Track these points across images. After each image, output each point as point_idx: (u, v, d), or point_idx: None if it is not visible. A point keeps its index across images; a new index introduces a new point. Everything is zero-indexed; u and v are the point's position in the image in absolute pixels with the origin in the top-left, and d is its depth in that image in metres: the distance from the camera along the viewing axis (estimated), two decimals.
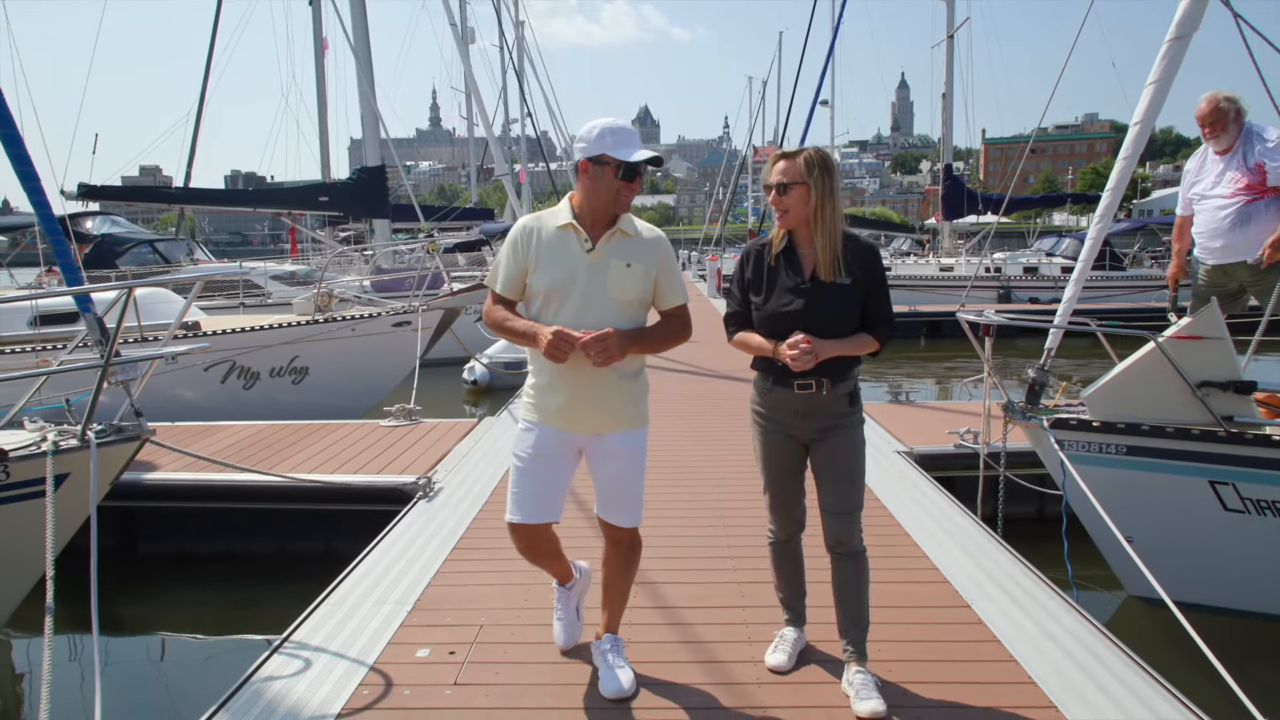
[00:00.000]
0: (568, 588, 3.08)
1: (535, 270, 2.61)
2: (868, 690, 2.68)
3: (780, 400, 2.74)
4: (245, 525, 5.57)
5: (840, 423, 2.72)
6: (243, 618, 5.19)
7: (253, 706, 2.76)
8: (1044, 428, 4.43)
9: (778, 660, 2.91)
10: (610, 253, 2.61)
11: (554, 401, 2.64)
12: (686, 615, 3.39)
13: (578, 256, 2.60)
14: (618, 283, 2.60)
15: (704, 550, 4.12)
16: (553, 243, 2.62)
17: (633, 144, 2.59)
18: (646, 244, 2.67)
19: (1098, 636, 3.16)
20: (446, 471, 5.55)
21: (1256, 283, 4.63)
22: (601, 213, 2.63)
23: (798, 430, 2.75)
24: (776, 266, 2.73)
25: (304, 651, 3.13)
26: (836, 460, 2.73)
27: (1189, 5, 4.24)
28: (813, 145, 2.69)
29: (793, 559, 2.97)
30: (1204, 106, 4.56)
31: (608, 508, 2.78)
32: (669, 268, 2.71)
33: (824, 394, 2.67)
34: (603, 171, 2.56)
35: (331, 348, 8.62)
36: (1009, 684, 2.83)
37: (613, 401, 2.65)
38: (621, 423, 2.68)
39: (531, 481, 2.70)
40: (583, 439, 2.69)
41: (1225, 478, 4.24)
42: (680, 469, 5.64)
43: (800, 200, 2.65)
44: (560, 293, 2.59)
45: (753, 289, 2.76)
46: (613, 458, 2.70)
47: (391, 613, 3.44)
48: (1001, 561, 3.95)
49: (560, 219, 2.64)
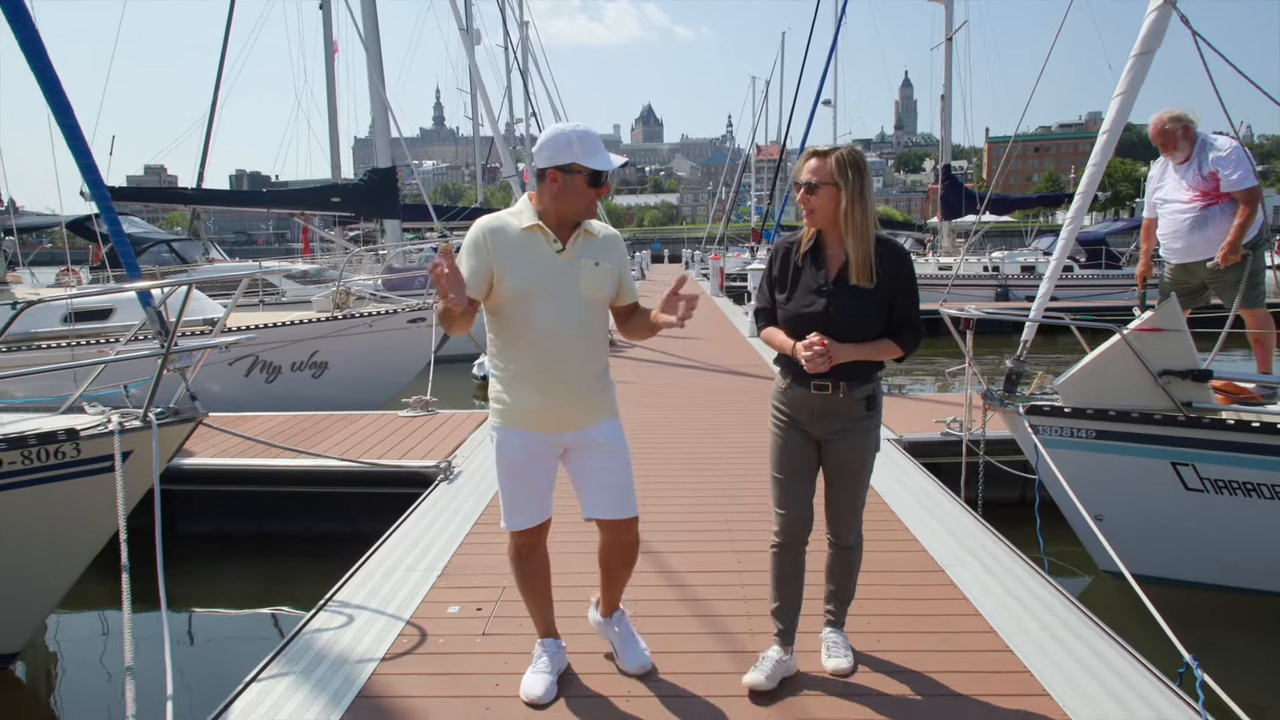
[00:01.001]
0: (556, 643, 2.94)
1: (505, 273, 2.57)
2: (839, 649, 2.91)
3: (797, 399, 2.74)
4: (275, 508, 5.95)
5: (855, 426, 2.71)
6: (275, 594, 5.56)
7: (305, 653, 3.14)
8: (1019, 414, 4.78)
9: (755, 679, 2.78)
10: (579, 253, 2.62)
11: (526, 406, 2.63)
12: (688, 596, 3.55)
13: (549, 258, 2.58)
14: (590, 282, 2.61)
15: (707, 538, 4.33)
16: (519, 244, 2.58)
17: (599, 150, 2.56)
18: (607, 243, 2.70)
19: (1057, 596, 3.52)
20: (464, 457, 5.93)
21: (1215, 281, 4.99)
22: (569, 217, 2.62)
23: (813, 429, 2.75)
24: (802, 266, 2.71)
25: (346, 609, 3.51)
26: (846, 462, 2.75)
27: (1152, 23, 4.59)
28: (846, 145, 2.67)
29: (793, 566, 2.85)
30: (1153, 129, 4.93)
31: (604, 506, 2.74)
32: (627, 265, 2.79)
33: (840, 396, 2.66)
34: (572, 180, 2.54)
35: (350, 343, 9.02)
36: (972, 633, 3.20)
37: (589, 395, 2.68)
38: (596, 414, 2.70)
39: (523, 491, 2.70)
40: (567, 438, 2.68)
41: (1186, 459, 4.59)
42: (685, 458, 6.01)
43: (828, 201, 2.61)
44: (534, 294, 2.57)
45: (778, 287, 2.75)
46: (598, 450, 2.70)
47: (422, 578, 3.82)
48: (976, 534, 4.32)
49: (525, 220, 2.59)
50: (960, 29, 20.18)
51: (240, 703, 2.80)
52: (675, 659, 3.03)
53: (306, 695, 2.83)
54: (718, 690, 2.84)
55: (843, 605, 2.98)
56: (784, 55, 40.77)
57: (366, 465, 5.60)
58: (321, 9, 21.09)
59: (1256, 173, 4.88)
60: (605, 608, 3.01)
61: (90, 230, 16.13)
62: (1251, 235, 4.83)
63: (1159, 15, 4.55)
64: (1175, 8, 4.52)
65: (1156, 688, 2.79)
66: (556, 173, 2.54)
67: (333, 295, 9.40)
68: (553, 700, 2.77)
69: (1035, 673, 2.89)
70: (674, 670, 2.96)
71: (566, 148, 2.52)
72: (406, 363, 9.36)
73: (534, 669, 2.86)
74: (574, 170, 2.53)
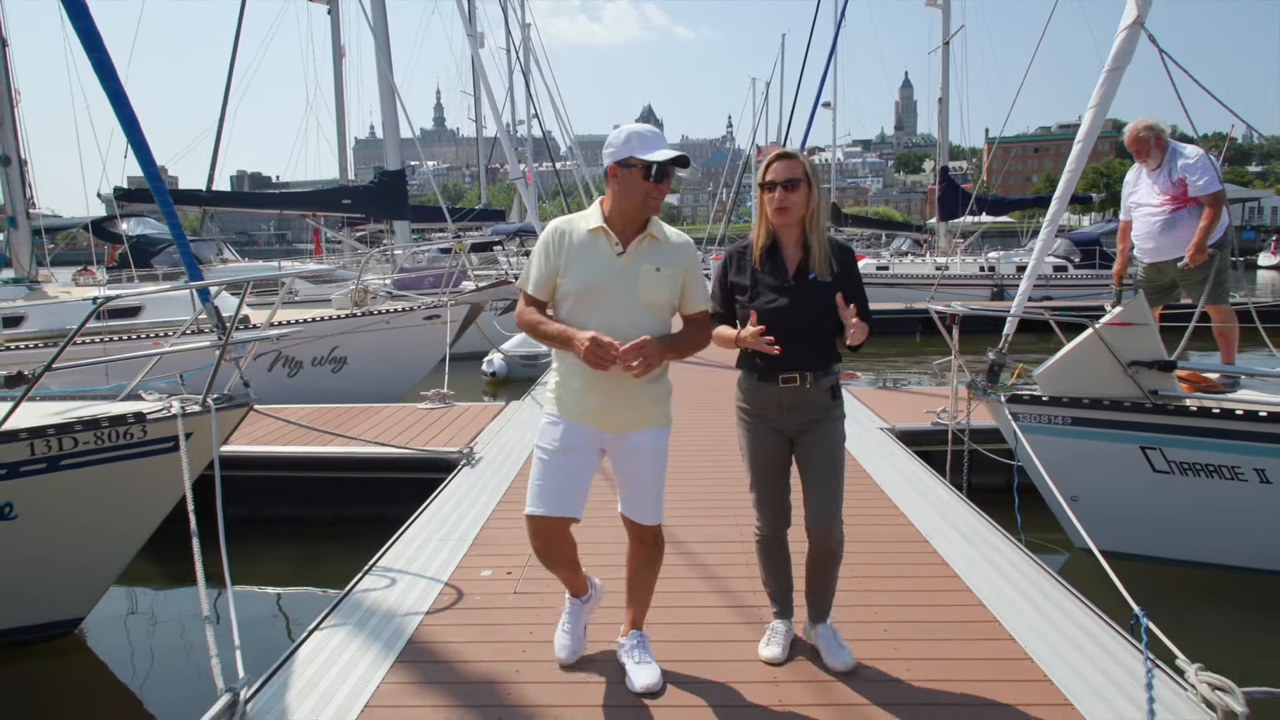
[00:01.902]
0: (582, 600, 3.05)
1: (566, 273, 2.65)
2: (838, 645, 2.96)
3: (765, 395, 2.81)
4: (307, 492, 6.35)
5: (824, 415, 2.81)
6: (308, 573, 5.96)
7: (357, 609, 3.54)
8: (1000, 402, 5.17)
9: (772, 653, 2.97)
10: (640, 257, 2.65)
11: (584, 402, 2.69)
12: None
13: (608, 260, 2.64)
14: (648, 286, 2.64)
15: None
16: (583, 246, 2.65)
17: (658, 146, 2.62)
18: (675, 249, 2.72)
19: (1028, 561, 3.92)
20: (484, 444, 6.33)
21: (1184, 279, 5.38)
22: (632, 216, 2.66)
23: (783, 424, 2.83)
24: (760, 268, 2.80)
25: (390, 572, 3.91)
26: (820, 451, 2.82)
27: (1122, 42, 4.97)
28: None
29: (780, 555, 3.00)
30: (1128, 137, 5.33)
31: (630, 507, 2.82)
32: (696, 273, 2.77)
33: (807, 387, 2.77)
34: (631, 174, 2.60)
35: (368, 339, 9.42)
36: (950, 591, 3.60)
37: (639, 401, 2.70)
38: (646, 422, 2.73)
39: (555, 473, 2.72)
40: (608, 437, 2.73)
41: (1153, 443, 4.98)
42: (701, 453, 6.41)
43: (803, 198, 2.73)
44: (592, 295, 2.62)
45: (738, 290, 2.84)
46: (635, 456, 2.74)
47: (455, 547, 4.22)
48: (959, 511, 4.72)
49: (591, 222, 2.68)
50: (957, 33, 20.57)
51: (305, 648, 3.19)
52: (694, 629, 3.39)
53: (362, 643, 3.23)
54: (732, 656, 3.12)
55: (824, 599, 3.03)
56: (784, 57, 41.29)
57: (396, 450, 6.00)
58: (330, 13, 21.48)
59: (1221, 179, 5.26)
60: (627, 623, 3.00)
61: (110, 231, 16.54)
62: (1216, 236, 5.22)
63: (1128, 34, 4.94)
64: (1143, 27, 4.92)
65: (1109, 634, 3.18)
66: (616, 168, 2.63)
67: (351, 293, 9.80)
68: (578, 658, 2.98)
69: (1004, 622, 3.29)
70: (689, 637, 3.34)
71: (625, 144, 2.60)
72: (421, 358, 9.77)
73: (561, 627, 3.06)
74: (631, 165, 2.59)
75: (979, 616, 3.36)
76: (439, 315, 9.58)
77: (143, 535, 4.45)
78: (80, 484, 4.12)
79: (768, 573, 3.04)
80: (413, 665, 3.06)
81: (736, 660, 3.05)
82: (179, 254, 4.89)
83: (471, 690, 2.87)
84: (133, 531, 4.41)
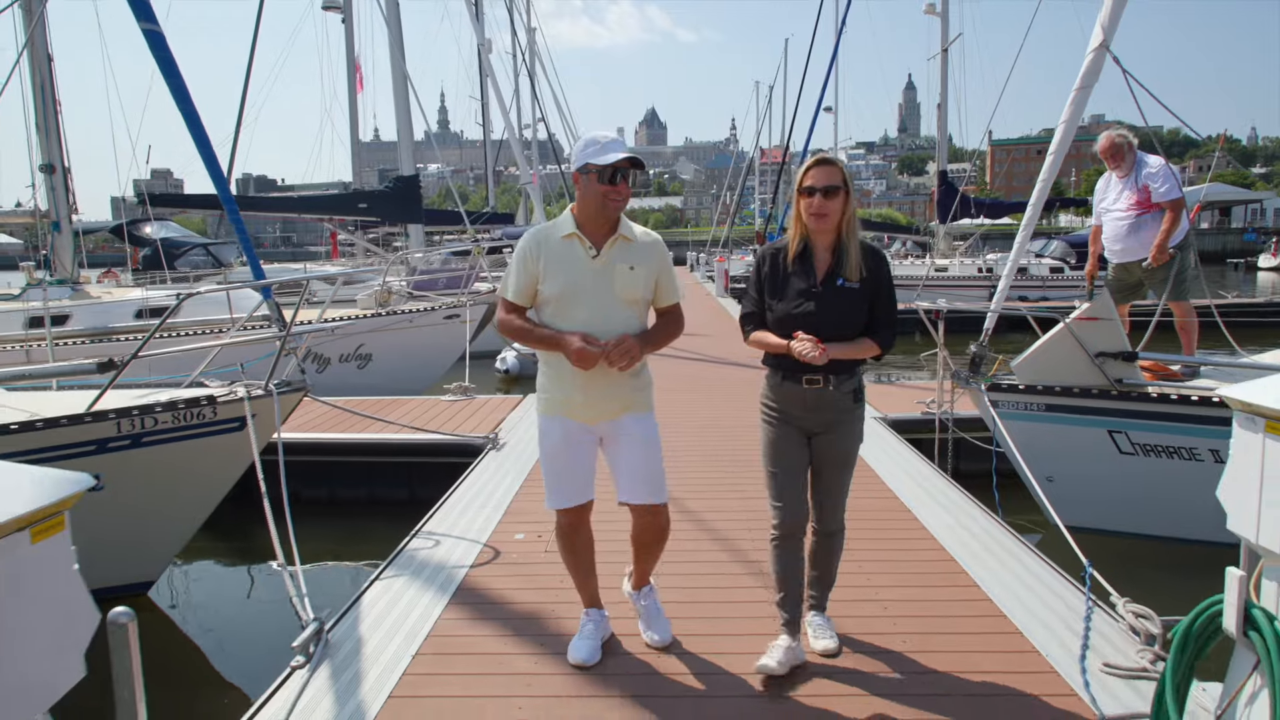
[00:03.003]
0: (600, 613, 3.17)
1: (545, 279, 2.79)
2: (825, 631, 3.09)
3: (790, 395, 2.88)
4: (342, 476, 6.88)
5: (845, 417, 2.89)
6: (344, 550, 6.49)
7: (411, 562, 4.07)
8: (981, 391, 5.68)
9: (767, 664, 2.88)
10: (613, 257, 2.80)
11: (572, 398, 2.87)
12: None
13: (584, 263, 2.78)
14: (623, 285, 2.79)
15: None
16: (559, 252, 2.80)
17: (612, 150, 2.73)
18: (645, 247, 2.87)
19: (996, 525, 4.45)
20: (507, 431, 6.86)
21: (1149, 278, 5.89)
22: (598, 219, 2.79)
23: (805, 423, 2.89)
24: (790, 270, 2.85)
25: (434, 535, 4.44)
26: (835, 451, 2.91)
27: (1089, 63, 5.48)
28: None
29: (795, 556, 2.98)
30: (1104, 144, 5.83)
31: (634, 490, 2.93)
32: (667, 269, 2.93)
33: (830, 390, 2.84)
34: (589, 180, 2.74)
35: (392, 337, 9.97)
36: (928, 549, 4.13)
37: (623, 392, 2.88)
38: (633, 407, 2.91)
39: (561, 469, 2.95)
40: (601, 427, 2.91)
41: (1119, 427, 5.48)
42: (696, 429, 6.94)
43: (841, 205, 2.78)
44: (571, 298, 2.78)
45: (769, 291, 2.89)
46: (630, 439, 2.90)
47: (490, 514, 4.75)
48: (942, 486, 5.24)
49: (564, 229, 2.82)
50: (955, 41, 21.08)
51: (369, 593, 3.72)
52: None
53: (419, 588, 3.76)
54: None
55: (825, 590, 3.16)
56: (787, 61, 41.73)
57: (429, 435, 6.53)
58: (344, 23, 22.04)
59: (1180, 187, 5.77)
60: (636, 580, 3.23)
61: (134, 235, 17.11)
62: (1178, 239, 5.73)
63: (1095, 57, 5.45)
64: (1108, 49, 5.43)
65: (1060, 581, 3.70)
66: (578, 175, 2.79)
67: (376, 294, 10.34)
68: (597, 663, 3.06)
69: (970, 572, 3.81)
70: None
71: (582, 151, 2.77)
72: (442, 355, 10.32)
73: (580, 635, 3.13)
74: (587, 170, 2.75)
75: (951, 569, 3.89)
76: (459, 314, 10.13)
77: (208, 507, 4.99)
78: (158, 459, 4.66)
79: (781, 576, 2.98)
80: (464, 605, 3.59)
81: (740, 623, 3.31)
82: (197, 256, 5.41)
83: (518, 623, 3.40)
84: (200, 503, 4.95)
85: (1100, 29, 5.41)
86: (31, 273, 12.06)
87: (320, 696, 2.85)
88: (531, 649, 3.18)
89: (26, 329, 9.36)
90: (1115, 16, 5.39)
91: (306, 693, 2.85)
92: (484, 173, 37.59)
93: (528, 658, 3.12)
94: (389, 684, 2.92)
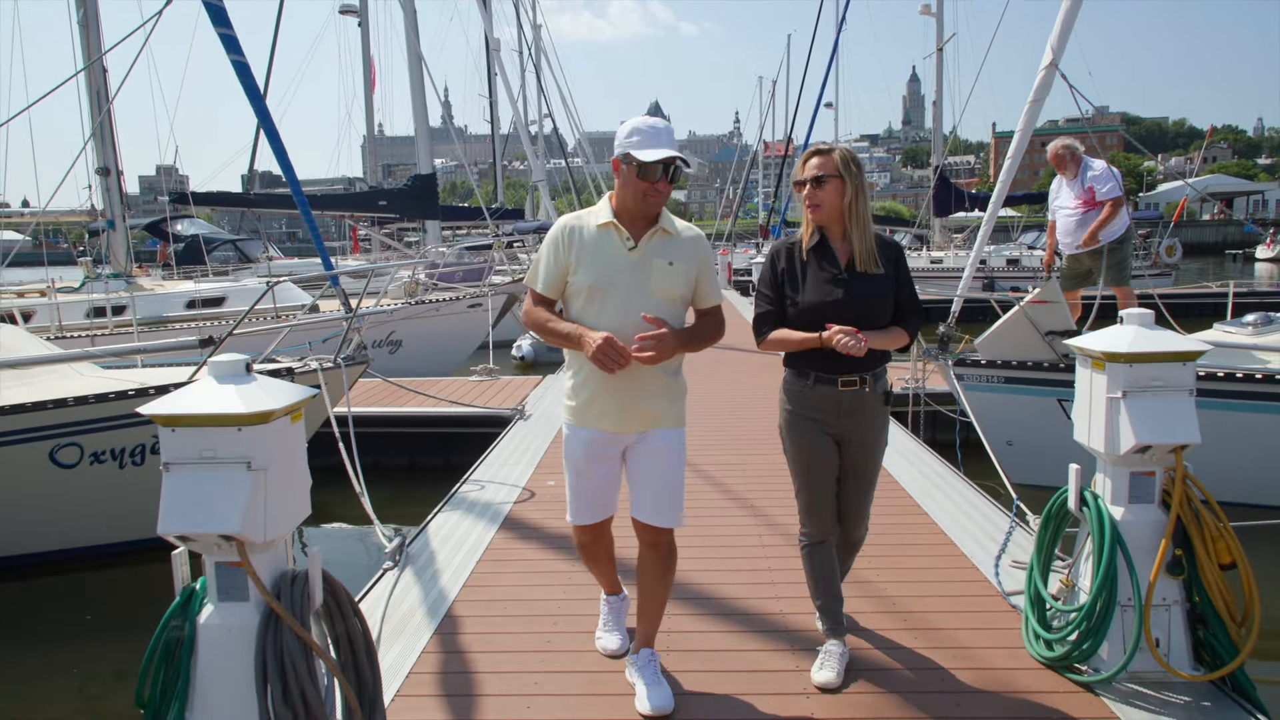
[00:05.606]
0: (619, 597, 3.13)
1: (577, 269, 2.59)
2: (830, 661, 2.82)
3: (823, 397, 2.72)
4: (387, 444, 7.75)
5: (874, 422, 2.78)
6: (386, 514, 7.34)
7: (462, 502, 4.94)
8: (948, 365, 6.52)
9: (826, 678, 2.76)
10: (652, 251, 2.59)
11: (599, 404, 2.64)
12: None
13: (620, 255, 2.58)
14: (660, 281, 2.58)
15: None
16: (594, 241, 2.59)
17: (656, 143, 2.54)
18: (687, 243, 2.65)
19: (950, 471, 5.31)
20: (532, 405, 7.74)
21: (1096, 266, 6.73)
22: (636, 211, 2.60)
23: (838, 429, 2.75)
24: (809, 261, 2.74)
25: (481, 481, 5.32)
26: (864, 459, 2.81)
27: (1041, 80, 6.29)
28: (843, 144, 2.77)
29: (828, 561, 2.86)
30: (1052, 154, 6.69)
31: (647, 509, 2.71)
32: (709, 267, 2.71)
33: (866, 390, 2.71)
34: (629, 170, 2.55)
35: (420, 324, 10.85)
36: (894, 493, 4.98)
37: (654, 401, 2.64)
38: (662, 421, 2.67)
39: (586, 485, 2.77)
40: (627, 439, 2.68)
41: (1067, 396, 6.28)
42: (705, 414, 7.80)
43: (835, 194, 2.68)
44: (603, 291, 2.57)
45: (789, 285, 2.75)
46: (654, 456, 2.68)
47: (525, 467, 5.63)
48: (914, 448, 6.10)
49: (600, 218, 2.61)
50: (949, 40, 21.84)
51: (433, 523, 4.59)
52: None
53: (472, 520, 4.63)
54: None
55: (840, 604, 3.02)
56: (789, 56, 42.54)
57: (464, 407, 7.41)
58: (360, 26, 22.91)
59: (1121, 187, 6.60)
60: (639, 641, 2.83)
61: (163, 231, 18.02)
62: (1119, 232, 6.57)
63: (1046, 74, 6.26)
64: (1057, 68, 6.25)
65: (994, 510, 4.57)
66: (618, 162, 2.59)
67: (405, 285, 11.25)
68: (627, 650, 2.96)
69: (927, 510, 4.67)
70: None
71: (626, 139, 2.57)
72: (466, 340, 11.23)
73: (602, 628, 3.12)
74: (628, 161, 2.55)
75: (912, 508, 4.77)
76: (481, 304, 11.01)
77: None
78: None
79: (816, 583, 2.88)
80: (511, 530, 4.46)
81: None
82: (227, 251, 6.22)
83: (555, 540, 4.27)
84: None
85: (1050, 50, 6.23)
86: (90, 267, 12.97)
87: (410, 586, 3.72)
88: (567, 557, 4.04)
89: (89, 318, 10.26)
90: (1063, 39, 6.19)
91: (400, 584, 3.72)
92: (490, 168, 38.36)
93: (566, 562, 3.98)
94: (461, 579, 3.79)
